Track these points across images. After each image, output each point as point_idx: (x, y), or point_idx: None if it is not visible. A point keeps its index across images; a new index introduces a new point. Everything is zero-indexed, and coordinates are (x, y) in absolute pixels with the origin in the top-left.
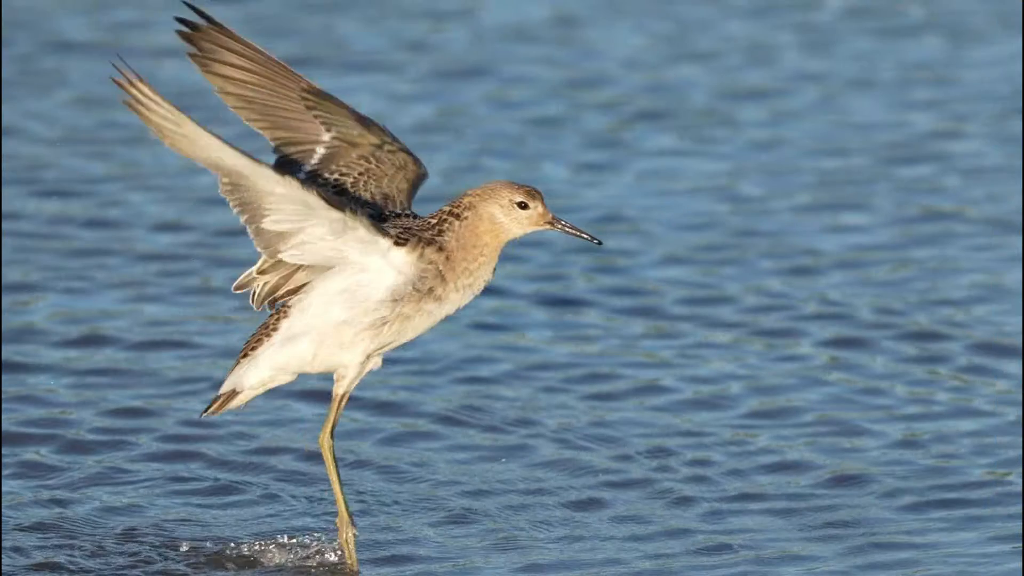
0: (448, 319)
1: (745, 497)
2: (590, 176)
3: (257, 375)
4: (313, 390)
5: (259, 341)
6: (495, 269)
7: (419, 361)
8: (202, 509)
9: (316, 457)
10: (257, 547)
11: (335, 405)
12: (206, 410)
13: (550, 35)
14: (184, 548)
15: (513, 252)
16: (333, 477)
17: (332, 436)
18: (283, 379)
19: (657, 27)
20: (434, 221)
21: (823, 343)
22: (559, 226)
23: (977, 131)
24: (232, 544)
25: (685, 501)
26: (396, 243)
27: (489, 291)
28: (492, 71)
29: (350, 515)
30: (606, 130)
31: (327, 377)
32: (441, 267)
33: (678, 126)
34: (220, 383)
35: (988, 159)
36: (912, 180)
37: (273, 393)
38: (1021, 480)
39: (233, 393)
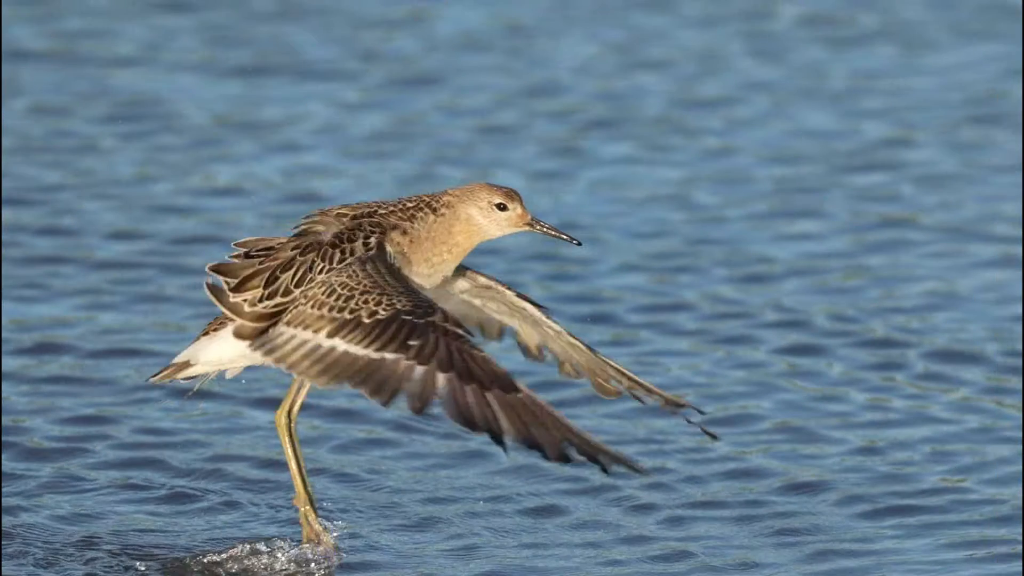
0: None
1: (703, 504)
2: (544, 184)
3: (216, 353)
4: (267, 398)
5: (222, 324)
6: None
7: None
8: (160, 517)
9: (274, 464)
10: (216, 555)
11: (295, 386)
12: (155, 375)
13: (503, 44)
14: (143, 556)
15: (468, 259)
16: (288, 455)
17: (289, 416)
18: (240, 363)
19: (610, 36)
20: (410, 205)
21: (780, 350)
22: (539, 227)
23: (929, 139)
24: (191, 552)
25: (644, 508)
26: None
27: None
28: (445, 80)
29: (308, 494)
30: (560, 138)
31: (284, 384)
32: (405, 249)
33: (632, 135)
34: (175, 391)
35: (941, 167)
36: (865, 188)
37: (228, 400)
38: (976, 487)
39: (186, 364)
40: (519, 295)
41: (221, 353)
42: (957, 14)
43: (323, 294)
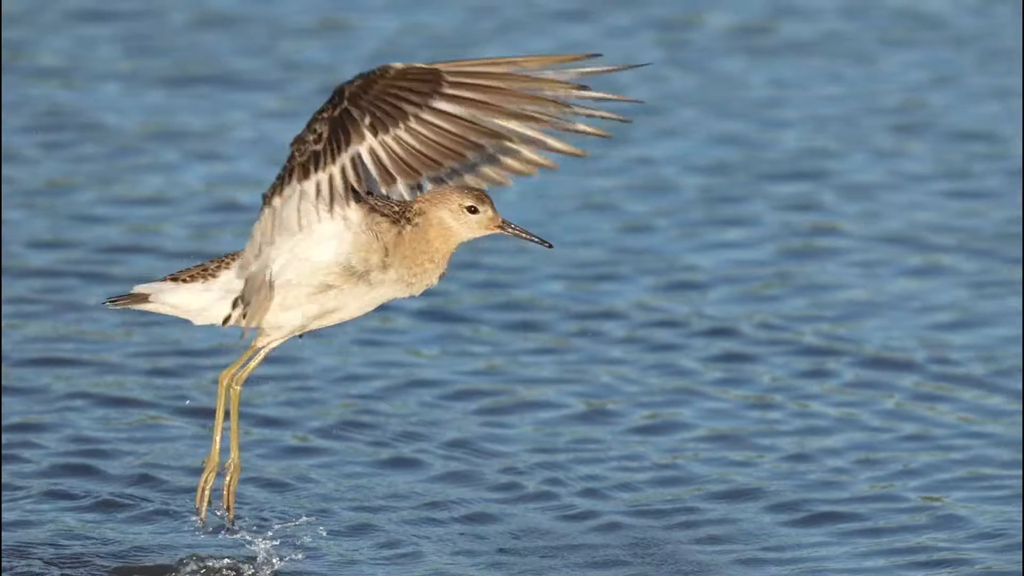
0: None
1: (636, 511)
2: None
3: (179, 299)
4: (199, 407)
5: (193, 278)
6: (443, 276)
7: (302, 377)
8: (94, 524)
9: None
10: (152, 561)
11: (249, 353)
12: (113, 300)
13: (423, 54)
14: (77, 563)
15: None
16: (218, 417)
17: (234, 379)
18: (202, 322)
19: (536, 45)
20: (389, 208)
21: (709, 358)
22: (509, 230)
23: (852, 148)
24: (124, 559)
25: (578, 515)
26: (354, 200)
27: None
28: None
29: (220, 461)
30: None
31: (212, 392)
32: (391, 239)
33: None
34: (103, 400)
35: (863, 176)
36: (789, 197)
37: (157, 408)
38: (905, 494)
39: (144, 297)
40: None
41: (185, 302)
42: (877, 23)
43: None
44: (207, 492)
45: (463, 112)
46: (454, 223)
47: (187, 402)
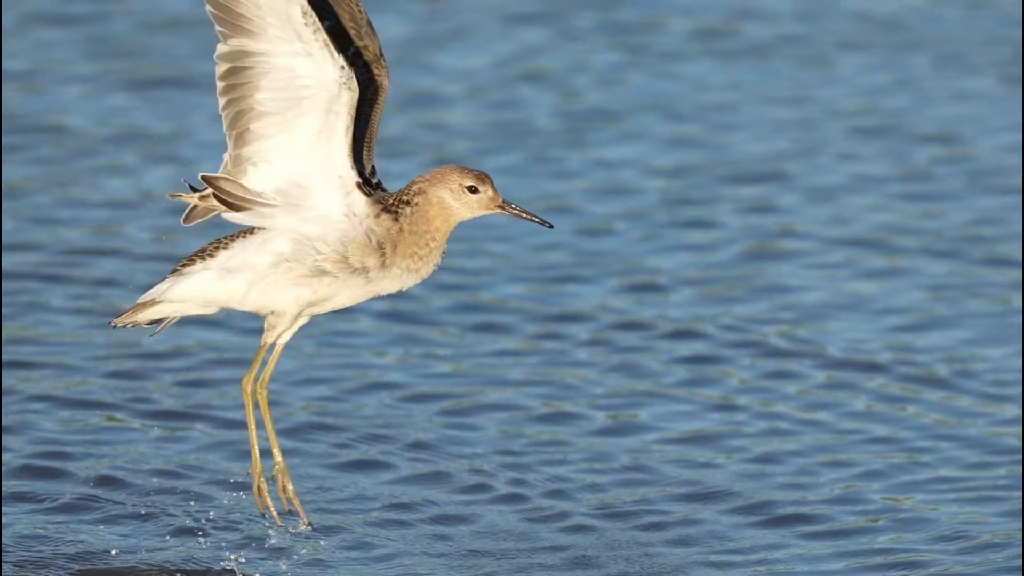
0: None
1: (603, 512)
2: None
3: (183, 292)
4: (162, 410)
5: (192, 262)
6: (444, 253)
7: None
8: (59, 526)
9: (168, 474)
10: (119, 563)
11: (262, 353)
12: (117, 318)
13: (391, 55)
14: (42, 566)
15: None
16: (250, 425)
17: (256, 382)
18: (207, 310)
19: (495, 48)
20: (391, 201)
21: (674, 360)
22: (510, 210)
23: (815, 151)
24: (92, 560)
25: (546, 517)
26: (360, 188)
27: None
28: None
29: (262, 465)
30: (447, 151)
31: (173, 395)
32: (394, 237)
33: (523, 147)
34: (65, 402)
35: (826, 178)
36: (751, 199)
37: (120, 410)
38: (870, 495)
39: (152, 303)
40: None
41: (188, 293)
42: (835, 27)
43: None
44: (265, 496)
45: None
46: (454, 203)
47: (149, 404)
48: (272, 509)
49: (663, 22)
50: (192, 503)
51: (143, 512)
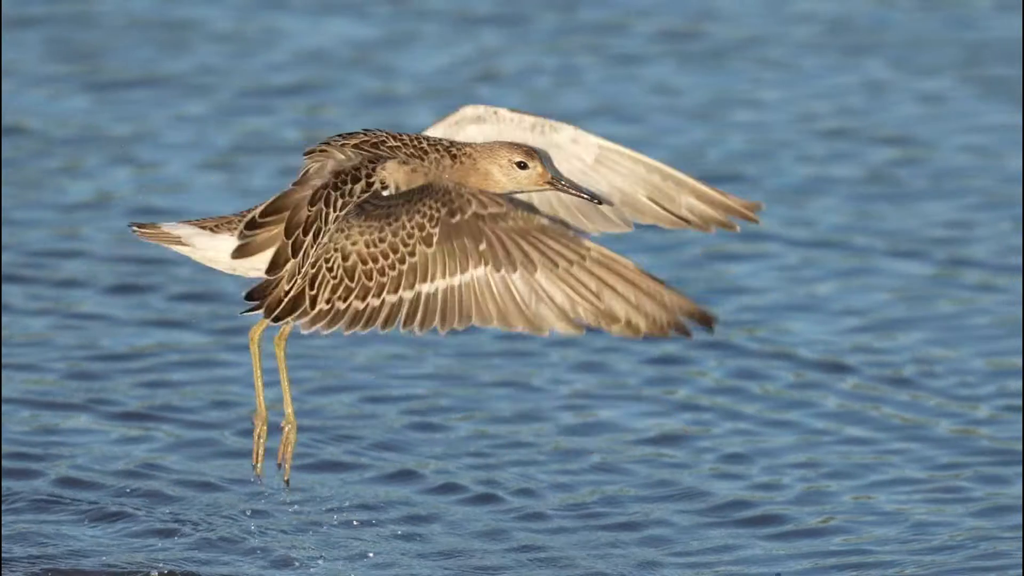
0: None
1: (572, 511)
2: None
3: (208, 249)
4: (126, 412)
5: (219, 227)
6: None
7: (225, 380)
8: (25, 526)
9: (132, 475)
10: (88, 564)
11: None
12: (141, 226)
13: (351, 56)
14: (10, 565)
15: None
16: (256, 372)
17: (254, 331)
18: (221, 268)
19: (460, 50)
20: (424, 145)
21: (644, 361)
22: (558, 186)
23: (780, 151)
24: (56, 560)
25: (517, 517)
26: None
27: None
28: (296, 93)
29: (260, 407)
30: None
31: (135, 395)
32: (402, 187)
33: None
34: (28, 403)
35: (791, 179)
36: None
37: (83, 411)
38: (840, 492)
39: (176, 239)
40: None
41: (212, 256)
42: (800, 28)
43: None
44: (261, 450)
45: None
46: (503, 178)
47: (112, 406)
48: (260, 461)
49: (623, 24)
50: (158, 504)
51: (108, 513)
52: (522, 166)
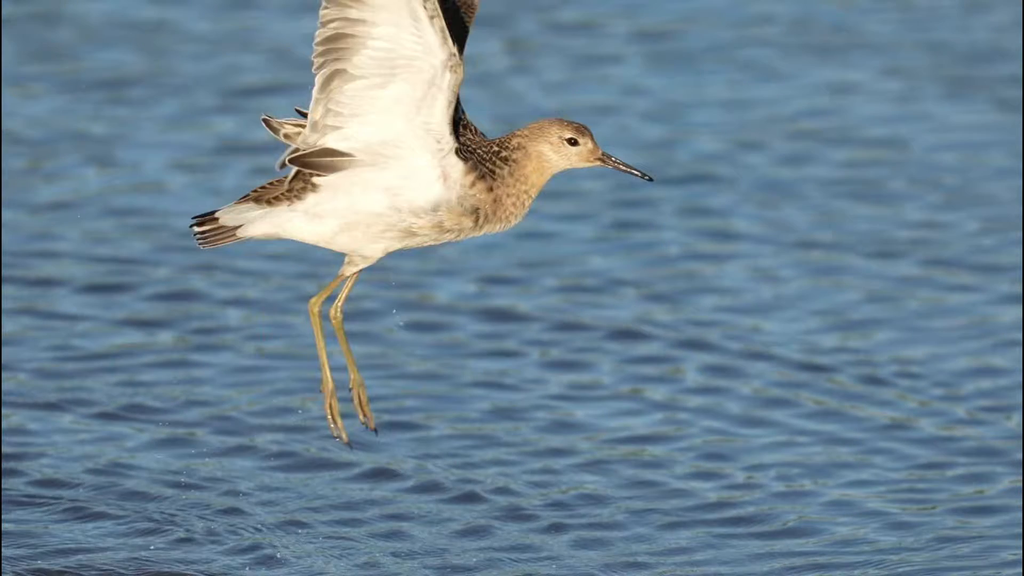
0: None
1: (551, 511)
2: None
3: (265, 231)
4: (105, 412)
5: (277, 199)
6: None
7: (198, 381)
8: (13, 524)
9: (113, 475)
10: (63, 562)
11: (338, 280)
12: (200, 226)
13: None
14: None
15: (312, 272)
16: (319, 343)
17: (332, 306)
18: (283, 238)
19: None
20: (487, 157)
21: (622, 360)
22: (610, 162)
23: (756, 152)
24: (37, 559)
25: (497, 516)
26: (458, 154)
27: (278, 310)
28: (267, 93)
29: (327, 376)
30: None
31: (111, 394)
32: (487, 207)
33: None
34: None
35: (767, 179)
36: (693, 200)
37: (60, 411)
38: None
39: (232, 233)
40: None
41: (270, 232)
42: (778, 30)
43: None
44: (336, 416)
45: None
46: (554, 155)
47: (88, 406)
48: (343, 430)
49: (602, 24)
50: (135, 503)
51: (86, 512)
52: (572, 142)
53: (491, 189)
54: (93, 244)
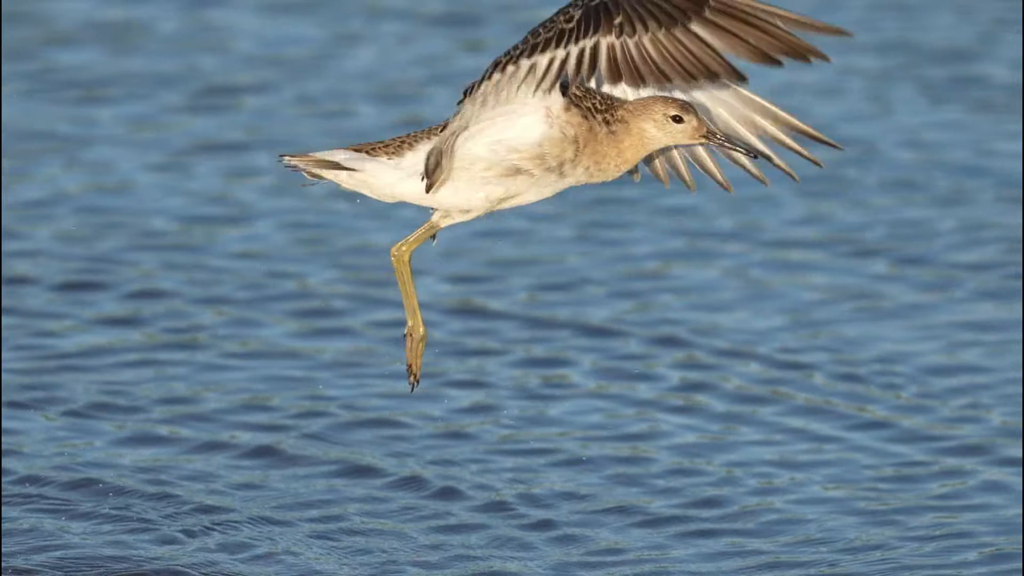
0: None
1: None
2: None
3: (366, 175)
4: (77, 410)
5: (376, 151)
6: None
7: (176, 378)
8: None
9: (91, 473)
10: (42, 559)
11: (429, 231)
12: (293, 157)
13: (300, 56)
14: None
15: (286, 270)
16: (403, 289)
17: (404, 250)
18: (378, 196)
19: (420, 50)
20: (592, 108)
21: (601, 357)
22: (715, 140)
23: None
24: (15, 558)
25: (477, 510)
26: (560, 91)
27: (250, 308)
28: (242, 94)
29: (419, 322)
30: None
31: (88, 393)
32: (584, 134)
33: None
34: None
35: (743, 177)
36: (669, 200)
37: (36, 409)
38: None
39: (334, 164)
40: None
41: (376, 180)
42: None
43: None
44: (419, 362)
45: (715, 42)
46: (657, 132)
47: (63, 404)
48: (419, 375)
49: None
50: (115, 501)
51: (65, 511)
52: (677, 120)
53: (586, 118)
54: (64, 243)
